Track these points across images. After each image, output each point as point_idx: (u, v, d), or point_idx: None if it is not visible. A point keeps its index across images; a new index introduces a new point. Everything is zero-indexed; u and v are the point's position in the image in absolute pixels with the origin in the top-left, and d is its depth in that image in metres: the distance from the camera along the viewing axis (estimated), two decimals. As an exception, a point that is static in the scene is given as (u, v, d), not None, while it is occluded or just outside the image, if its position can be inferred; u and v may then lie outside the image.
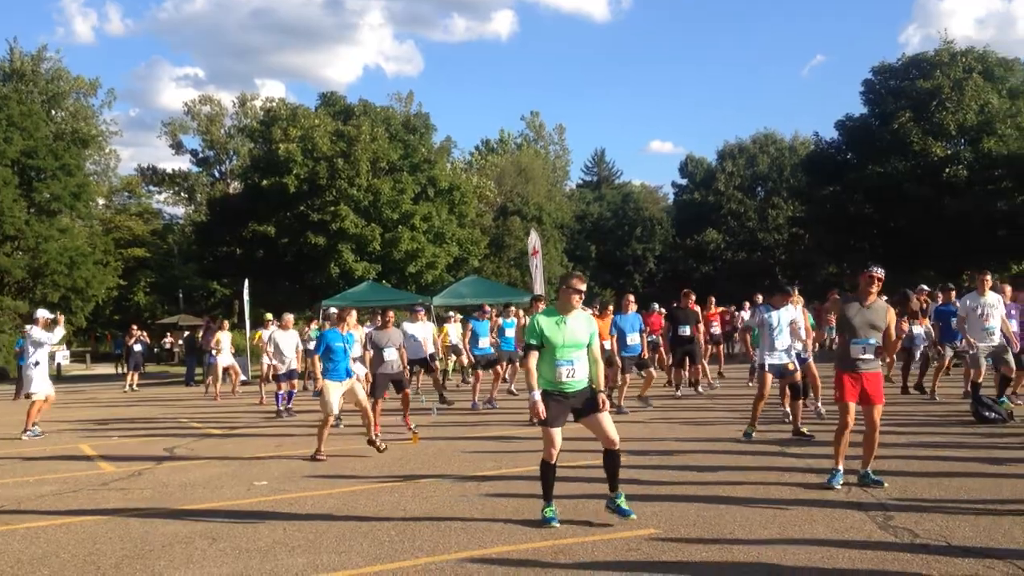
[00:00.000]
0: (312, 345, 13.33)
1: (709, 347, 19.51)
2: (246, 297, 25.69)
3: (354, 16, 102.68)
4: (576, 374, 6.25)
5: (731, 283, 46.24)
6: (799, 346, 10.35)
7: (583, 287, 6.35)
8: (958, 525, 5.87)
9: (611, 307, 13.82)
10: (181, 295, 56.21)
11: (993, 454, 8.49)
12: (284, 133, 33.58)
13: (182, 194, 61.75)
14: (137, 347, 25.85)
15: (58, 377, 37.62)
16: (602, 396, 6.36)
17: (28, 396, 13.45)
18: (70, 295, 36.96)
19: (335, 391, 9.86)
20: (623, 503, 6.30)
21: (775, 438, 9.90)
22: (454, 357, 21.34)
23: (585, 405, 6.29)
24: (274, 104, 40.62)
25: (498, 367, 15.90)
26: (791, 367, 10.05)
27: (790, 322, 10.05)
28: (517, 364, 15.69)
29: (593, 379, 6.40)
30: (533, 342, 6.30)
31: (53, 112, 48.19)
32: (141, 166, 62.05)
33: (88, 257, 37.98)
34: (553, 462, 6.32)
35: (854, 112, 38.18)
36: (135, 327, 27.69)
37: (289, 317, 15.95)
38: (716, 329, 19.29)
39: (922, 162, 33.92)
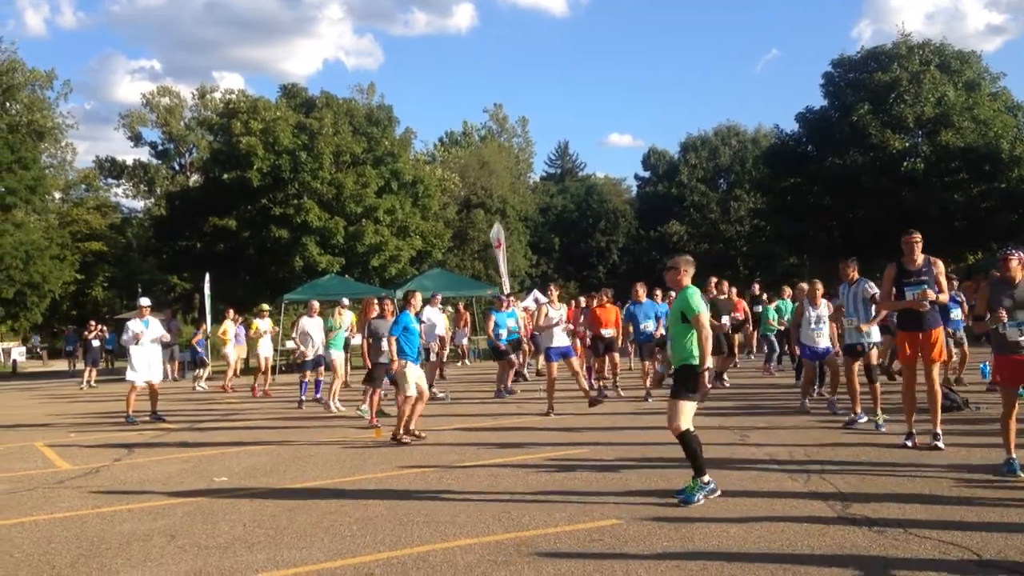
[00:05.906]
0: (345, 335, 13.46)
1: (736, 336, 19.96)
2: (207, 291, 25.40)
3: (312, 10, 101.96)
4: (670, 346, 6.87)
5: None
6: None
7: (669, 269, 6.80)
8: (914, 512, 5.96)
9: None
10: (140, 289, 55.33)
11: (950, 440, 8.61)
12: (245, 126, 33.18)
13: (141, 187, 60.79)
14: (95, 342, 25.48)
15: (13, 374, 37.08)
16: (701, 377, 6.48)
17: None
18: (26, 290, 36.14)
19: (412, 371, 10.06)
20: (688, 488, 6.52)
21: (737, 426, 9.98)
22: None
23: (673, 384, 6.78)
24: (234, 96, 40.11)
25: (511, 356, 16.13)
26: (859, 348, 10.00)
27: (871, 296, 9.84)
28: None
29: (690, 354, 6.56)
30: None
31: (7, 104, 47.05)
32: (99, 157, 61.03)
33: (44, 251, 37.16)
34: (687, 432, 6.58)
35: (814, 104, 38.51)
36: (93, 322, 27.27)
37: (315, 304, 15.63)
38: (739, 316, 19.27)
39: (881, 154, 34.24)
